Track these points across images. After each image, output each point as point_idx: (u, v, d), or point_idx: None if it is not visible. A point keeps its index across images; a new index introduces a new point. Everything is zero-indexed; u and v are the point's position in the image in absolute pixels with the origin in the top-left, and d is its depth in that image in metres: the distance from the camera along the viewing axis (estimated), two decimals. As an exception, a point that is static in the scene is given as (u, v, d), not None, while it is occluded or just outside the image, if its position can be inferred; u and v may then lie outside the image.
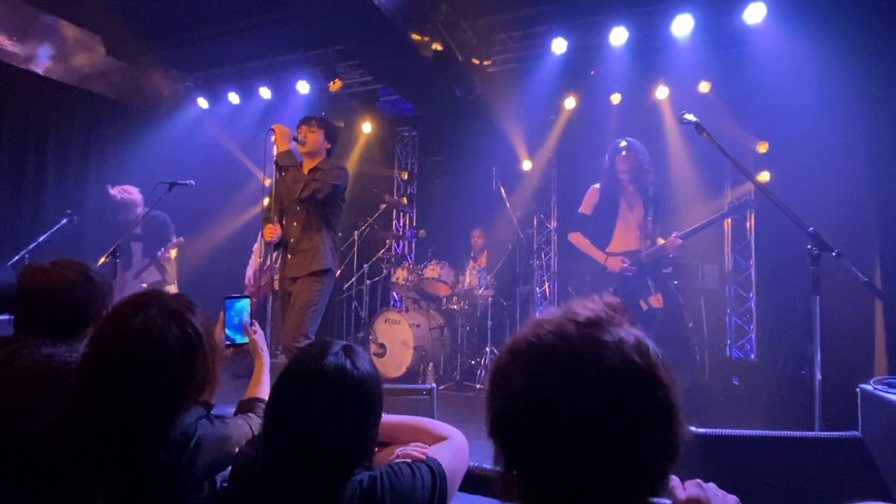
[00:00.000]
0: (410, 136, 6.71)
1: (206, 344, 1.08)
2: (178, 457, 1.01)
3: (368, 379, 0.96)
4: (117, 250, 3.27)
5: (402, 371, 4.54)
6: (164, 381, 1.02)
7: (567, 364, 0.59)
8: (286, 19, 4.43)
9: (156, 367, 1.01)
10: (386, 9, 3.48)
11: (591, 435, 0.57)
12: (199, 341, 1.07)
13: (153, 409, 1.01)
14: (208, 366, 1.09)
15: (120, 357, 1.01)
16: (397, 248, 6.22)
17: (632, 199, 3.14)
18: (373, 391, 0.96)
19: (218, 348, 1.17)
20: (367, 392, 0.95)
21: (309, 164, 2.96)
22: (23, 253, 3.63)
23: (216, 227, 6.00)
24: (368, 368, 0.98)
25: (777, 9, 3.77)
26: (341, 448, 0.92)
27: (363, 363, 0.97)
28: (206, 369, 1.08)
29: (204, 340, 1.08)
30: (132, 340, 1.01)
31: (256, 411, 1.29)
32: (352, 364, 0.95)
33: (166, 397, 1.03)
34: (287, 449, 0.92)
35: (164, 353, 1.01)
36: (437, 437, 1.17)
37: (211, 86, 5.72)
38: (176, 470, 1.01)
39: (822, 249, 1.88)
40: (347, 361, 0.95)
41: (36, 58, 4.70)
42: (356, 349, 1.00)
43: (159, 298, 1.10)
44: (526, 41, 4.55)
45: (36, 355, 1.24)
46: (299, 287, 2.82)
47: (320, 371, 0.93)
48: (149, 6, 4.45)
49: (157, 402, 1.02)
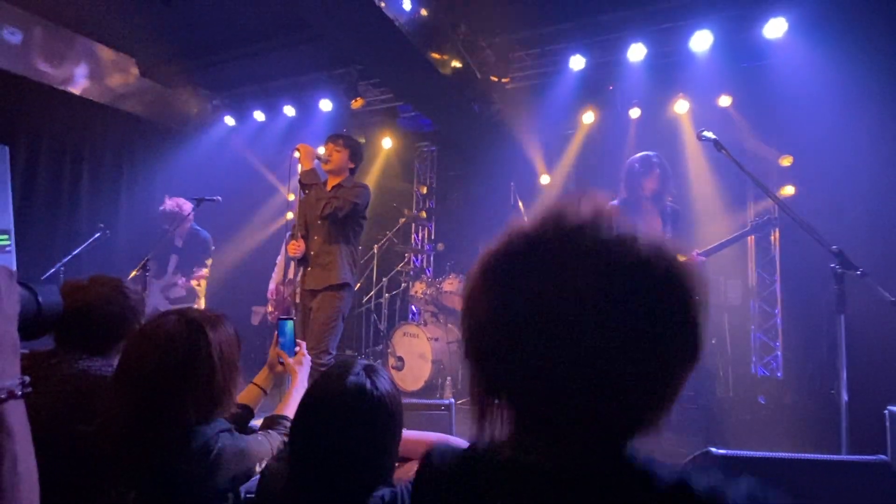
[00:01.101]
0: (430, 151, 6.80)
1: (216, 356, 1.09)
2: (198, 468, 1.04)
3: (388, 398, 0.98)
4: (147, 263, 3.38)
5: (420, 385, 4.55)
6: (171, 386, 1.04)
7: (591, 256, 0.50)
8: (309, 40, 4.57)
9: (163, 372, 1.04)
10: (406, 30, 3.57)
11: (611, 337, 0.47)
12: (208, 351, 1.08)
13: (169, 418, 1.04)
14: (216, 378, 1.09)
15: (137, 365, 1.06)
16: (416, 262, 6.27)
17: (649, 216, 3.12)
18: (392, 410, 0.99)
19: (234, 364, 1.15)
20: (386, 411, 0.97)
21: (332, 182, 3.03)
22: (58, 266, 3.78)
23: (242, 240, 6.15)
24: (389, 388, 1.00)
25: (798, 23, 3.74)
26: (363, 465, 0.94)
27: (384, 383, 1.00)
28: (213, 380, 1.08)
29: (214, 352, 1.09)
30: (147, 348, 1.06)
31: (278, 428, 1.32)
32: (372, 384, 0.97)
33: (176, 404, 1.05)
34: (310, 466, 0.94)
35: (170, 358, 1.05)
36: None
37: (237, 104, 5.91)
38: (196, 480, 1.05)
39: (847, 268, 1.84)
40: (368, 381, 0.97)
41: (73, 79, 4.93)
42: (377, 369, 1.02)
43: (185, 310, 1.16)
44: (544, 58, 4.60)
45: (73, 370, 1.30)
46: (319, 302, 2.87)
47: (341, 391, 0.96)
48: (180, 29, 4.65)
49: (169, 408, 1.04)
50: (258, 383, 1.59)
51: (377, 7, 3.28)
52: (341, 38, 3.94)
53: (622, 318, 0.48)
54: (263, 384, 1.59)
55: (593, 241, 0.51)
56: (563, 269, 0.50)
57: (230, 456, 1.10)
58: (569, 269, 0.50)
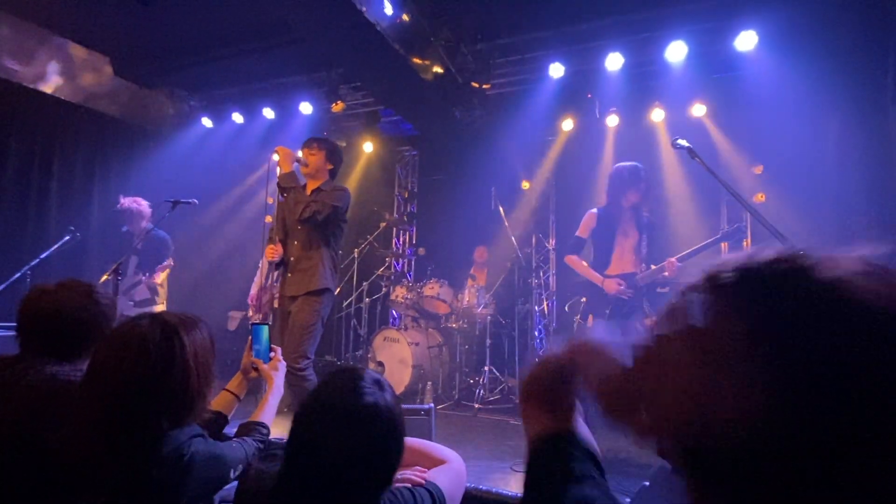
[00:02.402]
0: (411, 155, 6.80)
1: (191, 358, 1.07)
2: (169, 473, 1.02)
3: (397, 415, 0.97)
4: (119, 268, 3.30)
5: (400, 390, 4.53)
6: (144, 390, 1.02)
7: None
8: (289, 43, 4.54)
9: (136, 376, 1.01)
10: (387, 34, 3.58)
11: None
12: (183, 354, 1.06)
13: (141, 423, 1.02)
14: (190, 382, 1.07)
15: (106, 368, 1.03)
16: (397, 266, 6.25)
17: (627, 225, 3.18)
18: (401, 426, 0.98)
19: (208, 367, 1.13)
20: (396, 428, 0.96)
21: (312, 185, 3.01)
22: (25, 269, 3.66)
23: (219, 243, 6.05)
24: (397, 404, 0.99)
25: (768, 36, 3.88)
26: (366, 478, 0.93)
27: (394, 399, 0.99)
28: (188, 385, 1.06)
29: (188, 354, 1.07)
30: (121, 352, 1.03)
31: (254, 435, 1.31)
32: (384, 400, 0.95)
33: (149, 409, 1.02)
34: (309, 476, 0.92)
35: (143, 362, 1.02)
36: (435, 461, 1.19)
37: (215, 106, 5.83)
38: (168, 487, 1.02)
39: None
40: (381, 398, 0.95)
41: (44, 77, 4.80)
42: (384, 383, 1.00)
43: (159, 313, 1.13)
44: (524, 65, 4.66)
45: (41, 375, 1.26)
46: (298, 307, 2.84)
47: (353, 405, 0.93)
48: (157, 29, 4.57)
49: (141, 413, 1.02)
50: (231, 389, 1.56)
51: (359, 11, 3.28)
52: (322, 41, 3.93)
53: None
54: (237, 390, 1.57)
55: None
56: None
57: (203, 461, 1.08)
58: None
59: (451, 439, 3.44)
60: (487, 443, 3.37)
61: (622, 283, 3.02)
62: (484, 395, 4.46)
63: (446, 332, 5.00)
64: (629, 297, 3.02)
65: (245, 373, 1.60)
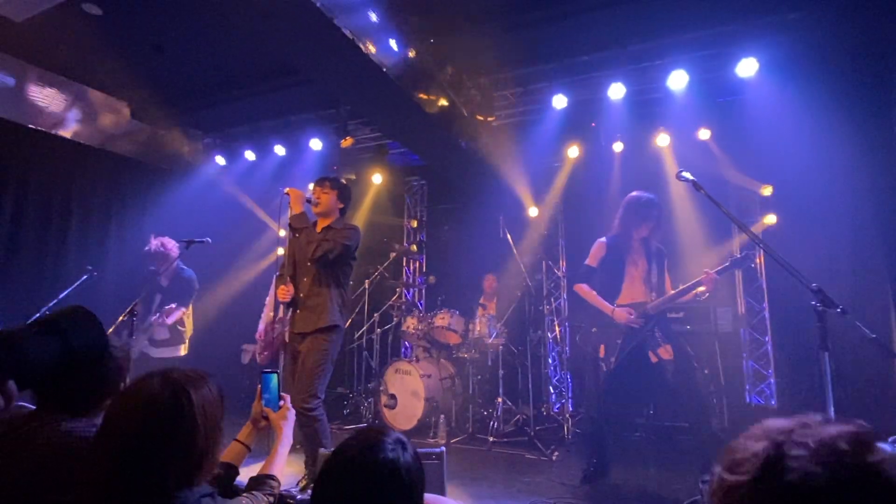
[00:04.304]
0: (419, 185, 6.89)
1: (200, 417, 1.07)
2: None
3: (416, 474, 0.98)
4: (135, 308, 3.35)
5: (413, 423, 4.48)
6: (153, 447, 1.02)
7: None
8: (298, 84, 4.68)
9: (146, 436, 1.01)
10: (393, 73, 3.68)
11: None
12: (192, 413, 1.06)
13: (149, 483, 1.01)
14: (198, 441, 1.06)
15: (118, 428, 1.04)
16: (407, 296, 6.26)
17: (636, 255, 3.17)
18: (420, 487, 0.99)
19: (217, 425, 1.12)
20: (414, 489, 0.97)
21: (322, 224, 3.05)
22: (44, 310, 3.71)
23: (232, 278, 6.13)
24: (417, 464, 1.00)
25: (769, 63, 3.90)
26: None
27: (414, 459, 1.00)
28: (195, 443, 1.06)
29: (197, 413, 1.06)
30: (129, 410, 1.04)
31: (263, 489, 1.30)
32: (405, 459, 0.97)
33: (158, 467, 1.02)
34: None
35: (153, 422, 1.02)
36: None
37: (228, 144, 5.99)
38: None
39: (827, 306, 1.87)
40: (402, 456, 0.97)
41: (64, 122, 4.98)
42: (407, 443, 1.02)
43: (169, 370, 1.13)
44: (527, 97, 4.74)
45: (56, 432, 1.28)
46: (308, 345, 2.85)
47: (373, 461, 0.95)
48: (172, 74, 4.75)
49: (151, 473, 1.01)
50: (241, 440, 1.56)
51: (365, 54, 3.38)
52: (330, 82, 4.04)
53: None
54: (247, 440, 1.57)
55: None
56: None
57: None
58: None
59: (464, 476, 3.38)
60: (502, 480, 3.31)
61: (632, 313, 3.00)
62: (498, 427, 4.39)
63: (458, 362, 4.97)
64: (639, 326, 2.99)
65: (255, 422, 1.60)
